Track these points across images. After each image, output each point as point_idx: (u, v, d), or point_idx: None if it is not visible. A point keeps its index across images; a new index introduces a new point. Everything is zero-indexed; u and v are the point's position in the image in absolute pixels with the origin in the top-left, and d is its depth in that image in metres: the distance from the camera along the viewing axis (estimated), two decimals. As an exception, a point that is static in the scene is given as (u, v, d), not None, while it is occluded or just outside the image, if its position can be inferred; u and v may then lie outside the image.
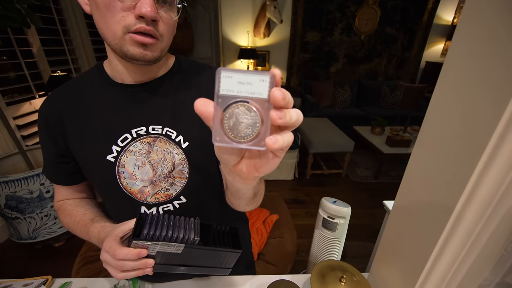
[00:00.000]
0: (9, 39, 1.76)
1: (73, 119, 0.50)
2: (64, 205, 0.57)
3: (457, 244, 0.36)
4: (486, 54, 0.30)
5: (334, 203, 0.83)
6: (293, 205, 2.30)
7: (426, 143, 0.40)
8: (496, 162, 0.29)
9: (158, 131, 0.50)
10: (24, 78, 1.91)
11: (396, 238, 0.50)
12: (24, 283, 0.59)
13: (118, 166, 0.49)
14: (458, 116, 0.34)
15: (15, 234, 1.63)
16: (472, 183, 0.31)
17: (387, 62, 4.06)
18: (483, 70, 0.30)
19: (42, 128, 0.52)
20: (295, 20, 3.70)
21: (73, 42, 2.40)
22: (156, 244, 0.39)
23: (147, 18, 0.39)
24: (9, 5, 1.29)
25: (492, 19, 0.29)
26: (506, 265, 0.35)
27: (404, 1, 3.64)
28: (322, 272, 0.56)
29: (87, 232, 0.50)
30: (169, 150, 0.50)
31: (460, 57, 0.33)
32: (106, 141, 0.49)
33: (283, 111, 0.21)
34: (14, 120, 1.83)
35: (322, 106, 3.67)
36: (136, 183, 0.50)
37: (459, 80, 0.34)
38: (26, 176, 1.46)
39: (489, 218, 0.33)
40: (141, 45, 0.41)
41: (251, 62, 3.87)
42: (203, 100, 0.23)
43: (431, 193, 0.39)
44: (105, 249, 0.41)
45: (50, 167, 0.55)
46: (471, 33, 0.32)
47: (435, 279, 0.41)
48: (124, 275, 0.40)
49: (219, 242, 0.45)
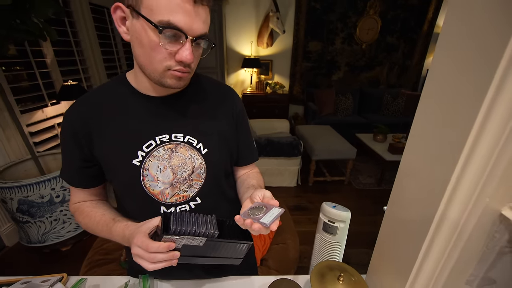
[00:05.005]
0: (25, 50, 1.86)
1: (99, 126, 0.54)
2: (81, 207, 0.61)
3: (442, 242, 0.40)
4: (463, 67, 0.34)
5: (334, 207, 0.86)
6: (296, 211, 2.32)
7: (413, 150, 0.44)
8: (471, 165, 0.33)
9: (180, 138, 0.56)
10: (37, 87, 2.00)
11: (389, 240, 0.54)
12: (42, 279, 0.62)
13: (142, 169, 0.54)
14: (438, 124, 0.38)
15: (25, 238, 1.68)
16: (452, 184, 0.35)
17: (389, 70, 4.12)
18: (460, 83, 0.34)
19: (67, 135, 0.55)
20: (297, 30, 3.79)
21: (84, 53, 2.50)
22: (182, 238, 0.44)
23: (186, 63, 0.46)
24: (27, 19, 1.38)
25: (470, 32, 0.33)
26: (488, 261, 0.38)
27: (404, 11, 3.72)
28: (322, 271, 0.59)
29: (109, 230, 0.54)
30: (190, 156, 0.56)
31: (443, 65, 0.38)
32: (132, 147, 0.54)
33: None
34: (27, 127, 1.90)
35: (325, 114, 3.71)
36: (158, 185, 0.55)
37: (441, 88, 0.38)
38: (38, 181, 1.52)
39: (468, 217, 0.36)
40: (178, 78, 0.49)
41: (254, 71, 3.96)
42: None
43: (418, 195, 0.43)
44: (137, 244, 0.45)
45: (73, 171, 0.58)
46: (452, 47, 0.36)
47: (424, 276, 0.44)
48: (154, 266, 0.44)
49: (233, 235, 0.51)
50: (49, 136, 2.09)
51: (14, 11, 1.26)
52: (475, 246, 0.39)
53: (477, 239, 0.38)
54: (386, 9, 3.69)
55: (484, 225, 0.37)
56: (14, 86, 1.80)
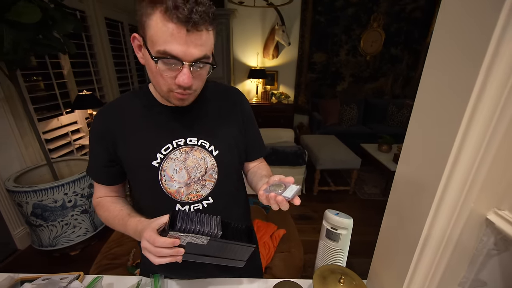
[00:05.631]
0: (44, 62, 1.98)
1: (122, 130, 0.61)
2: (102, 202, 0.67)
3: (433, 247, 0.43)
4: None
5: (336, 214, 0.89)
6: (301, 220, 2.33)
7: (405, 160, 0.48)
8: (456, 173, 0.37)
9: (194, 142, 0.61)
10: (54, 96, 2.11)
11: (386, 247, 0.57)
12: (61, 277, 0.67)
13: (160, 170, 0.60)
14: (427, 136, 0.42)
15: (37, 241, 1.73)
16: (440, 191, 0.39)
17: (393, 81, 4.16)
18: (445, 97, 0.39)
19: (95, 137, 0.63)
20: (302, 42, 3.90)
21: (98, 64, 2.62)
22: (187, 235, 0.48)
23: (184, 87, 0.51)
24: (49, 34, 1.49)
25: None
26: (478, 263, 0.41)
27: (408, 24, 3.80)
28: (324, 274, 0.62)
29: (124, 224, 0.59)
30: (203, 157, 0.62)
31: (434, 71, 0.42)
32: (152, 150, 0.60)
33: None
34: (43, 134, 1.99)
35: (329, 124, 3.75)
36: (174, 185, 0.61)
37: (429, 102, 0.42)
38: (52, 186, 1.59)
39: (456, 221, 0.40)
40: (180, 99, 0.55)
41: (260, 81, 4.05)
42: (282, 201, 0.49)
43: (410, 203, 0.46)
44: (145, 238, 0.49)
45: (98, 170, 0.65)
46: (443, 56, 0.41)
47: (418, 279, 0.47)
48: (160, 260, 0.48)
49: (236, 237, 0.54)
50: (63, 143, 2.18)
51: (38, 28, 1.36)
52: (466, 249, 0.42)
53: (466, 242, 0.41)
54: (389, 22, 3.78)
55: (472, 229, 0.40)
56: (33, 96, 1.91)
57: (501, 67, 0.31)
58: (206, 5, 0.46)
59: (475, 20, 0.32)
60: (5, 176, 1.71)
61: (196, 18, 0.45)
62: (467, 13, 0.33)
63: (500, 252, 0.39)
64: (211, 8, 0.48)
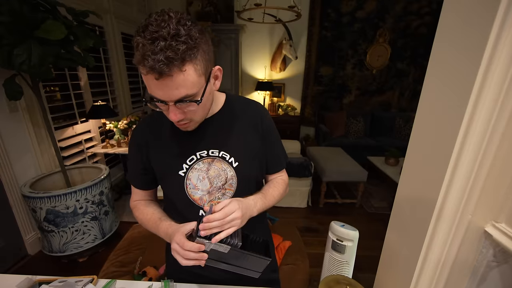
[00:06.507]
0: (64, 74, 2.09)
1: (155, 143, 0.67)
2: (138, 205, 0.74)
3: (435, 259, 0.45)
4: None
5: (342, 226, 0.90)
6: (306, 233, 2.31)
7: (407, 176, 0.51)
8: (454, 186, 0.40)
9: (215, 154, 0.66)
10: (70, 106, 2.21)
11: (390, 259, 0.58)
12: (76, 280, 0.70)
13: (186, 179, 0.66)
14: (427, 152, 0.45)
15: (47, 247, 1.77)
16: (440, 201, 0.41)
17: (400, 95, 4.18)
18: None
19: (134, 147, 0.70)
20: (309, 56, 3.99)
21: (113, 76, 2.75)
22: (211, 243, 0.52)
23: (174, 122, 0.56)
24: (71, 49, 1.59)
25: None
26: (478, 274, 0.43)
27: (414, 39, 3.86)
28: (329, 285, 0.63)
29: (156, 227, 0.65)
30: (224, 168, 0.66)
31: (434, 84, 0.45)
32: (178, 161, 0.66)
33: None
34: (58, 142, 2.08)
35: (336, 136, 3.76)
36: (198, 192, 0.66)
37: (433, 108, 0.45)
38: (65, 192, 1.64)
39: (455, 233, 0.42)
40: (182, 127, 0.60)
41: (267, 94, 4.14)
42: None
43: (412, 215, 0.48)
44: (175, 241, 0.54)
45: (135, 176, 0.73)
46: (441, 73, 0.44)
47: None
48: (187, 262, 0.53)
49: (255, 249, 0.58)
50: (76, 151, 2.26)
51: (62, 43, 1.46)
52: (466, 261, 0.43)
53: (467, 254, 0.43)
54: (395, 38, 3.84)
55: (472, 242, 0.42)
56: (51, 106, 2.01)
57: (490, 91, 0.34)
58: (174, 48, 0.45)
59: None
60: (21, 182, 1.78)
61: (160, 66, 0.45)
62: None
63: (499, 264, 0.41)
64: (185, 45, 0.46)
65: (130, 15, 2.98)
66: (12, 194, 1.75)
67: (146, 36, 0.45)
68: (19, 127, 1.78)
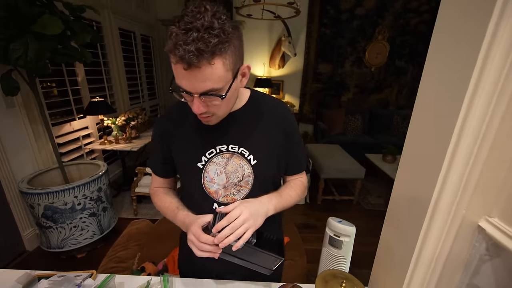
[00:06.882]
0: (61, 70, 2.07)
1: (176, 134, 0.69)
2: (157, 191, 0.76)
3: (429, 253, 0.46)
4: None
5: (339, 222, 0.91)
6: (304, 229, 2.33)
7: (403, 172, 0.51)
8: (448, 182, 0.40)
9: (235, 149, 0.66)
10: (67, 102, 2.20)
11: (386, 253, 0.59)
12: (75, 274, 0.70)
13: (204, 171, 0.66)
14: (423, 148, 0.45)
15: (45, 243, 1.77)
16: (435, 196, 0.42)
17: (398, 92, 4.19)
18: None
19: (157, 136, 0.72)
20: (308, 53, 3.98)
21: (111, 72, 2.73)
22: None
23: (197, 114, 0.56)
24: (68, 44, 1.58)
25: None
26: (471, 268, 0.44)
27: (412, 37, 3.86)
28: (326, 279, 0.64)
29: (174, 216, 0.67)
30: (242, 165, 0.66)
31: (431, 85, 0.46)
32: (198, 153, 0.67)
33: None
34: (55, 138, 2.07)
35: (334, 133, 3.77)
36: (214, 186, 0.67)
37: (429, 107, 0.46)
38: (63, 188, 1.64)
39: (450, 226, 0.42)
40: (204, 120, 0.60)
41: (266, 91, 4.13)
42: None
43: (407, 210, 0.49)
44: (192, 232, 0.56)
45: (157, 164, 0.76)
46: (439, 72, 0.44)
47: (416, 284, 0.49)
48: (202, 254, 0.55)
49: (268, 247, 0.58)
50: (73, 147, 2.25)
51: (59, 38, 1.45)
52: (460, 255, 0.44)
53: (460, 249, 0.44)
54: (394, 35, 3.84)
55: (465, 236, 0.43)
56: (48, 102, 1.99)
57: (484, 90, 0.34)
58: (206, 41, 0.45)
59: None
60: (19, 178, 1.78)
61: (190, 57, 0.45)
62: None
63: (492, 258, 0.42)
64: (217, 38, 0.46)
65: (128, 10, 2.95)
66: (10, 190, 1.75)
67: (181, 26, 0.46)
68: (16, 123, 1.77)
